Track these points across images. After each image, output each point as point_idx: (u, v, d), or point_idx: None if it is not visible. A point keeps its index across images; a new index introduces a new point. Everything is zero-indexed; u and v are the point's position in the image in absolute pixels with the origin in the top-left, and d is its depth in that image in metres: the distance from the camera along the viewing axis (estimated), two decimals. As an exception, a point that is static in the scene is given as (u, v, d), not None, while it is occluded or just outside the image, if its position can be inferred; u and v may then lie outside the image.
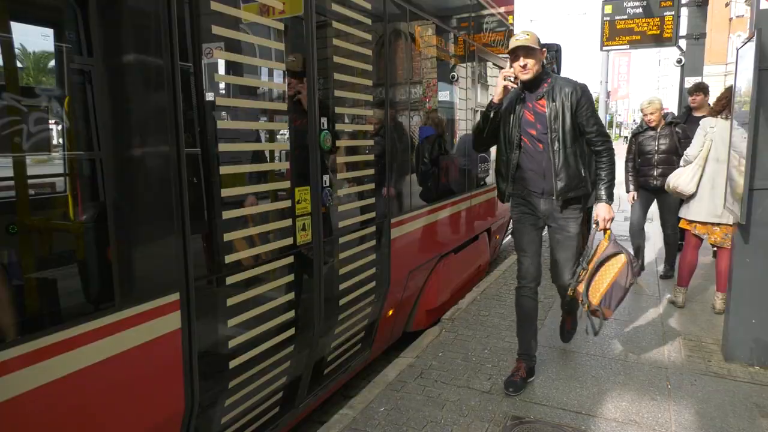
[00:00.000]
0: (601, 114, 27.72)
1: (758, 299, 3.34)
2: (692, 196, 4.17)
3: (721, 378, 3.24)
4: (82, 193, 1.90)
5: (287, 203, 2.55)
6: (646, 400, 2.99)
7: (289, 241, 2.56)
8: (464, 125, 5.05)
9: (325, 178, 2.84)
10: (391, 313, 3.76)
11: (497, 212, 6.06)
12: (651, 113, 4.93)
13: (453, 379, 3.23)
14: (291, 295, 2.60)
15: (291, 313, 2.61)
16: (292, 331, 2.63)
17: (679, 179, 4.24)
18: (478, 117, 5.13)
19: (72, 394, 1.68)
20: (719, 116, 4.09)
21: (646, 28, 7.67)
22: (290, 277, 2.59)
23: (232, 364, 2.27)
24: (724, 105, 4.09)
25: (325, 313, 2.89)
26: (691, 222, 4.26)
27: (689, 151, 4.20)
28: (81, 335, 1.68)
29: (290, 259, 2.58)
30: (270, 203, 2.51)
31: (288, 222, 2.56)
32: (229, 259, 2.20)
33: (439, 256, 4.44)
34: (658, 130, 4.91)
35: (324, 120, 2.81)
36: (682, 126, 4.94)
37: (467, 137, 4.95)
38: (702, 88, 5.63)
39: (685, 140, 4.61)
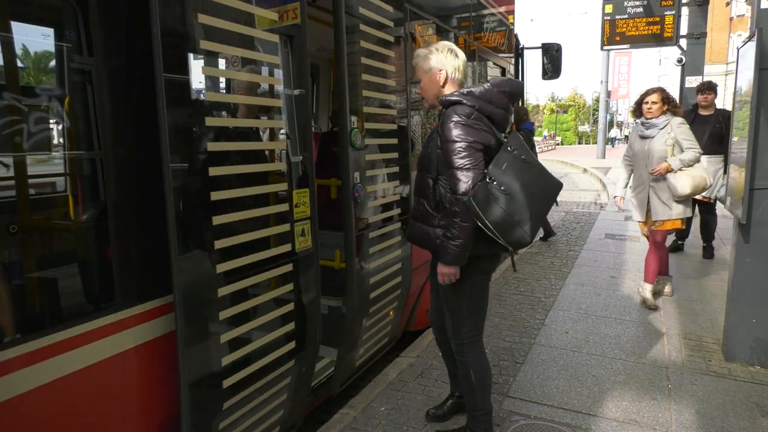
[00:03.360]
0: (601, 113, 27.87)
1: (758, 299, 3.34)
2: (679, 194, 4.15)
3: (722, 377, 3.24)
4: (73, 194, 1.89)
5: (285, 207, 2.42)
6: (646, 399, 2.99)
7: (287, 247, 2.42)
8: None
9: (356, 175, 2.90)
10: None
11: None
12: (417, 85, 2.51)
13: (453, 379, 3.23)
14: (290, 304, 2.47)
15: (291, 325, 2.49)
16: (292, 345, 2.51)
17: (705, 174, 4.12)
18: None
19: (62, 398, 1.65)
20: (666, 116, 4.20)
21: (646, 27, 7.67)
22: (289, 286, 2.46)
23: (227, 370, 2.15)
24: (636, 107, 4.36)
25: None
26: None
27: (698, 148, 4.13)
28: (67, 339, 1.65)
29: (289, 267, 2.44)
30: (266, 207, 2.34)
31: (286, 227, 2.42)
32: (221, 267, 2.08)
33: None
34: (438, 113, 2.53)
35: (354, 118, 2.87)
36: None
37: None
38: (713, 87, 5.66)
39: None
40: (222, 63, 2.30)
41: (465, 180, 2.12)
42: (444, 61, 2.32)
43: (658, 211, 4.24)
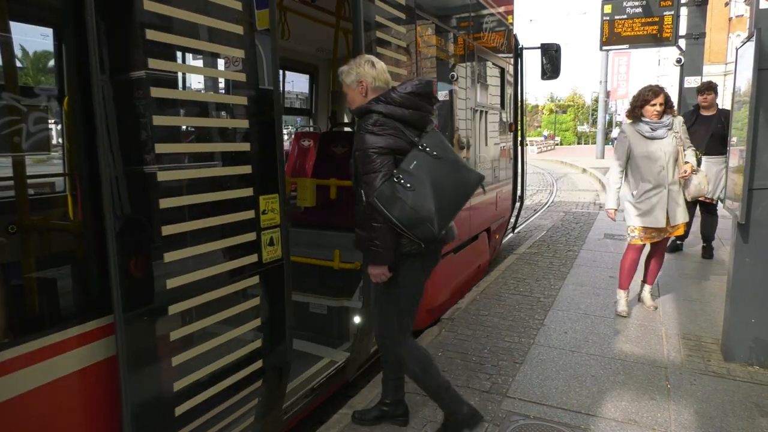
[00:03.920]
0: (600, 113, 27.89)
1: (758, 299, 3.34)
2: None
3: (721, 377, 3.25)
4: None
5: (250, 214, 2.21)
6: (645, 399, 3.00)
7: (252, 258, 2.23)
8: (463, 125, 5.04)
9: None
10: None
11: (497, 211, 6.06)
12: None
13: (452, 379, 3.22)
14: (256, 320, 2.31)
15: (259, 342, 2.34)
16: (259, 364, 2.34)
17: (707, 177, 4.14)
18: (477, 117, 5.14)
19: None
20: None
21: (645, 27, 7.67)
22: (255, 300, 2.29)
23: (179, 397, 1.94)
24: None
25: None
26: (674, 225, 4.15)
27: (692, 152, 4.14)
28: None
29: (255, 280, 2.26)
30: (227, 215, 2.11)
31: (251, 236, 2.22)
32: (172, 283, 1.88)
33: None
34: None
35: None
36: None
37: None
38: (713, 87, 5.63)
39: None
40: (179, 57, 2.06)
41: (372, 182, 2.25)
42: (362, 73, 2.41)
43: (675, 215, 4.06)
